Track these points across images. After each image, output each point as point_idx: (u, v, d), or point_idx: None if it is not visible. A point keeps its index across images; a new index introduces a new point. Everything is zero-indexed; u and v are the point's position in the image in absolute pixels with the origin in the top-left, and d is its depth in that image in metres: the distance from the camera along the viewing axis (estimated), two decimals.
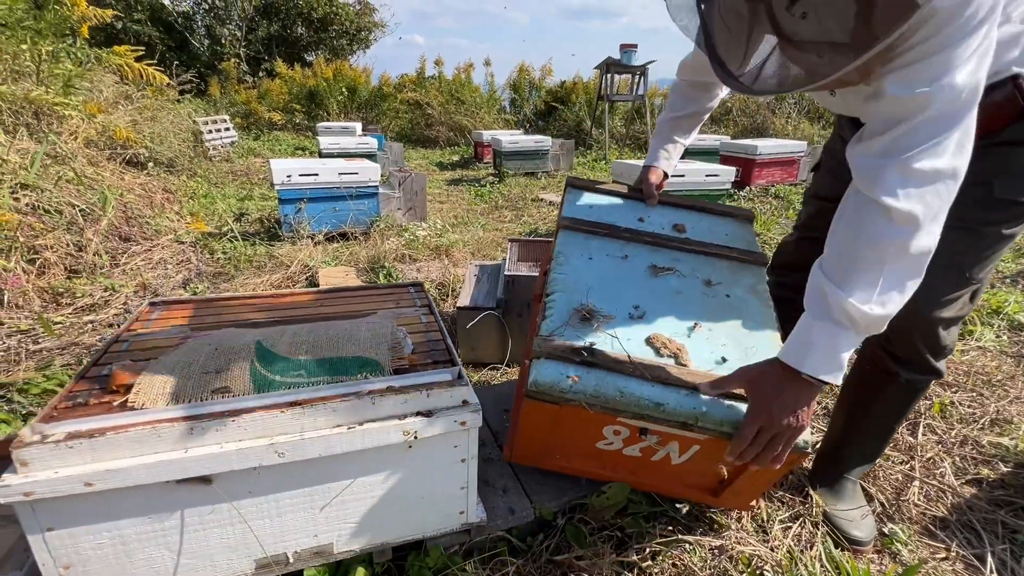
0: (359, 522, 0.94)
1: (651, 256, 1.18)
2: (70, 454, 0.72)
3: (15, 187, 2.87)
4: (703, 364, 0.95)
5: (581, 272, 1.11)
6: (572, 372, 0.89)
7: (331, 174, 3.40)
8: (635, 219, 1.28)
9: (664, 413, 0.87)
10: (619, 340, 0.95)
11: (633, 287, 1.09)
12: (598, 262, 1.14)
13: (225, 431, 0.79)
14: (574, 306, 1.01)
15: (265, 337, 0.97)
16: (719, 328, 1.03)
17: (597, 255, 1.16)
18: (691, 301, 1.08)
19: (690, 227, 1.28)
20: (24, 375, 1.66)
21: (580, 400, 0.87)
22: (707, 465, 1.00)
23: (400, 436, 0.87)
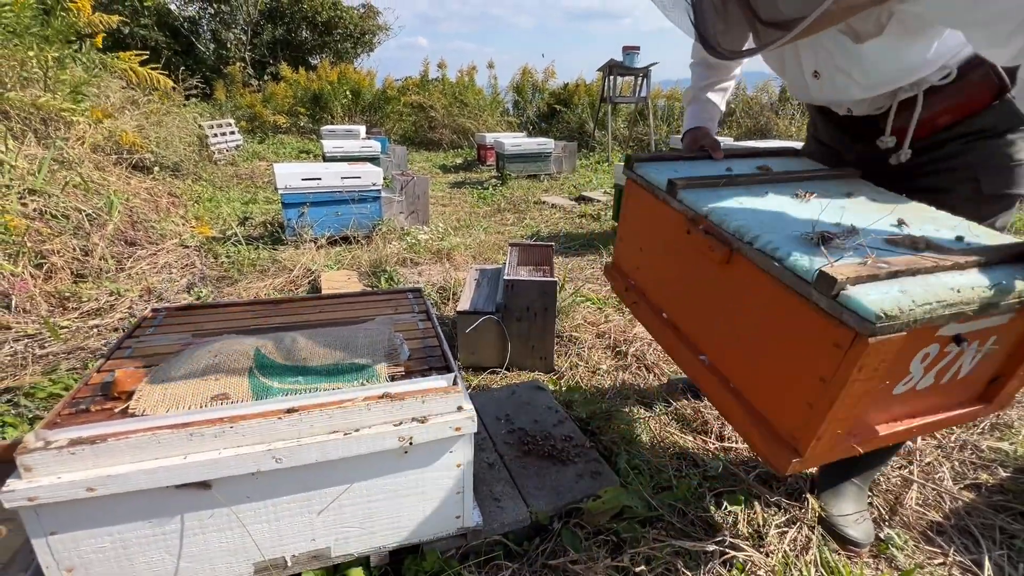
0: (356, 526, 0.95)
1: (783, 189, 1.07)
2: (72, 460, 0.74)
3: (23, 192, 2.92)
4: (952, 245, 0.84)
5: (750, 215, 0.95)
6: (896, 288, 0.72)
7: (334, 178, 3.42)
8: (723, 170, 1.17)
9: (1001, 295, 0.75)
10: (874, 250, 0.80)
11: (808, 212, 0.96)
12: (750, 205, 1.00)
13: (224, 437, 0.80)
14: (798, 238, 0.85)
15: (264, 344, 0.99)
16: (914, 219, 0.92)
17: (742, 200, 1.01)
18: (861, 208, 0.97)
19: (772, 166, 1.20)
20: (31, 379, 1.68)
21: (931, 313, 0.71)
22: (986, 364, 0.90)
23: (395, 442, 0.88)
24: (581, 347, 2.13)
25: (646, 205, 1.20)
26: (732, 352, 0.98)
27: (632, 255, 1.32)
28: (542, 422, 1.48)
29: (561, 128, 9.95)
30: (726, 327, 0.99)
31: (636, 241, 1.30)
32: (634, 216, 1.30)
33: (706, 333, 1.06)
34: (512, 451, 1.36)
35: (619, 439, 1.47)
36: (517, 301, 1.89)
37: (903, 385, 0.85)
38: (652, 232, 1.22)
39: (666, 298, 1.19)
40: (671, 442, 1.50)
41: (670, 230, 1.11)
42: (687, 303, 1.12)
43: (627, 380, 1.89)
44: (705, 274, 1.01)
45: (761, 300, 0.86)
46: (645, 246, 1.27)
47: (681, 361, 1.12)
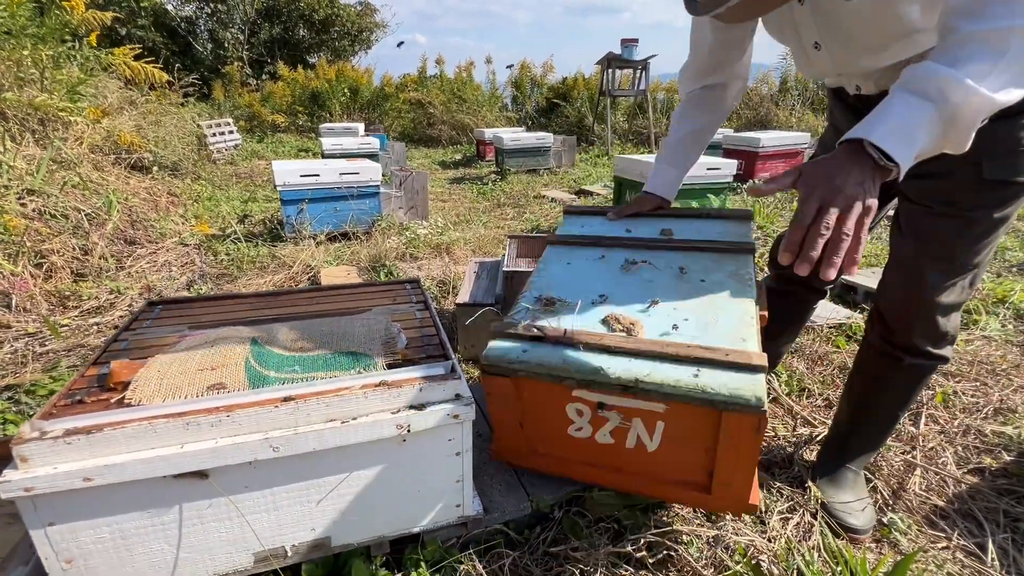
0: (356, 516, 0.95)
1: (626, 255, 1.23)
2: (68, 450, 0.74)
3: (22, 193, 2.91)
4: (654, 334, 0.97)
5: (556, 275, 1.17)
6: (522, 347, 0.95)
7: (332, 174, 3.41)
8: (623, 230, 1.34)
9: (605, 376, 0.89)
10: (575, 322, 1.00)
11: (603, 281, 1.14)
12: (576, 266, 1.20)
13: (220, 426, 0.80)
14: (536, 298, 1.08)
15: (260, 334, 0.99)
16: (683, 305, 1.04)
17: (576, 260, 1.22)
18: (660, 287, 1.11)
19: (678, 230, 1.31)
20: (31, 377, 1.68)
21: (527, 369, 0.93)
22: (684, 451, 0.97)
23: (393, 430, 0.88)
24: None
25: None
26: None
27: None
28: None
29: (560, 123, 9.92)
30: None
31: None
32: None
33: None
34: None
35: None
36: (517, 293, 1.88)
37: (575, 430, 1.03)
38: None
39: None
40: None
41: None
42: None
43: None
44: None
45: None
46: None
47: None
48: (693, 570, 1.01)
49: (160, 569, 0.86)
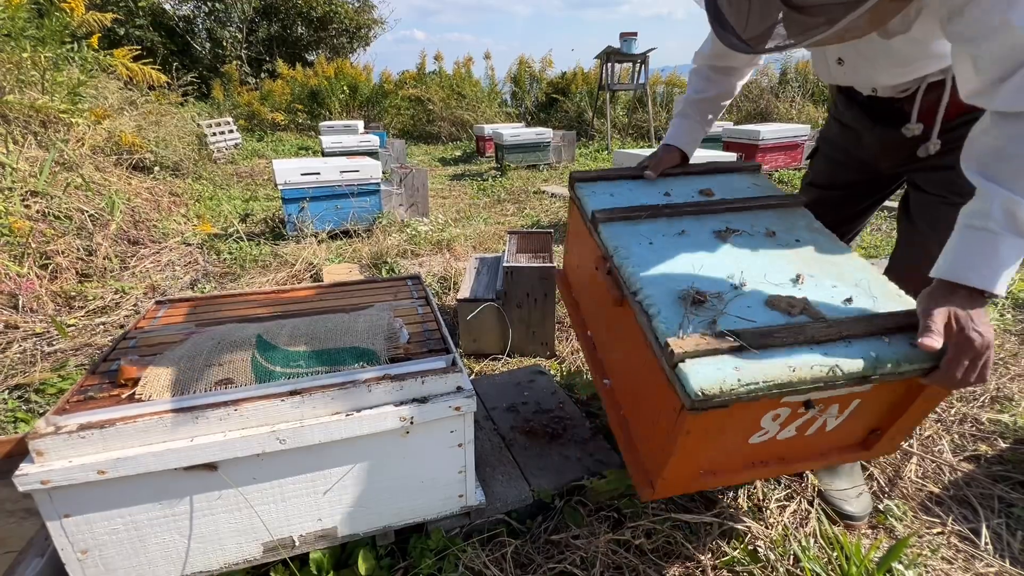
0: (361, 506, 0.97)
1: (705, 224, 1.08)
2: (82, 444, 0.76)
3: (26, 194, 2.94)
4: (833, 311, 0.85)
5: (650, 259, 0.98)
6: (731, 364, 0.75)
7: (333, 172, 3.43)
8: (661, 196, 1.19)
9: (842, 375, 0.76)
10: (743, 314, 0.84)
11: (711, 259, 0.98)
12: (659, 245, 1.03)
13: (228, 420, 0.82)
14: (677, 294, 0.88)
15: (265, 330, 1.01)
16: (818, 272, 0.94)
17: (654, 238, 1.05)
18: (772, 255, 0.99)
19: (715, 189, 1.20)
20: (40, 376, 1.71)
21: (756, 392, 0.74)
22: (859, 420, 0.92)
23: (397, 422, 0.90)
24: None
25: (581, 226, 1.23)
26: (623, 384, 1.08)
27: (573, 269, 1.38)
28: (544, 405, 1.50)
29: (560, 118, 9.90)
30: (622, 361, 1.08)
31: (575, 256, 1.36)
32: (574, 232, 1.35)
33: (610, 360, 1.16)
34: (514, 433, 1.37)
35: None
36: (517, 288, 1.90)
37: (759, 437, 0.90)
38: (583, 253, 1.27)
39: (590, 316, 1.29)
40: None
41: (591, 258, 1.17)
42: (600, 328, 1.22)
43: None
44: (609, 308, 1.06)
45: (639, 348, 0.91)
46: (580, 263, 1.32)
47: (594, 378, 1.22)
48: (691, 556, 1.03)
49: (172, 560, 0.89)
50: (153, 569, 0.88)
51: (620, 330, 1.02)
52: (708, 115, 1.27)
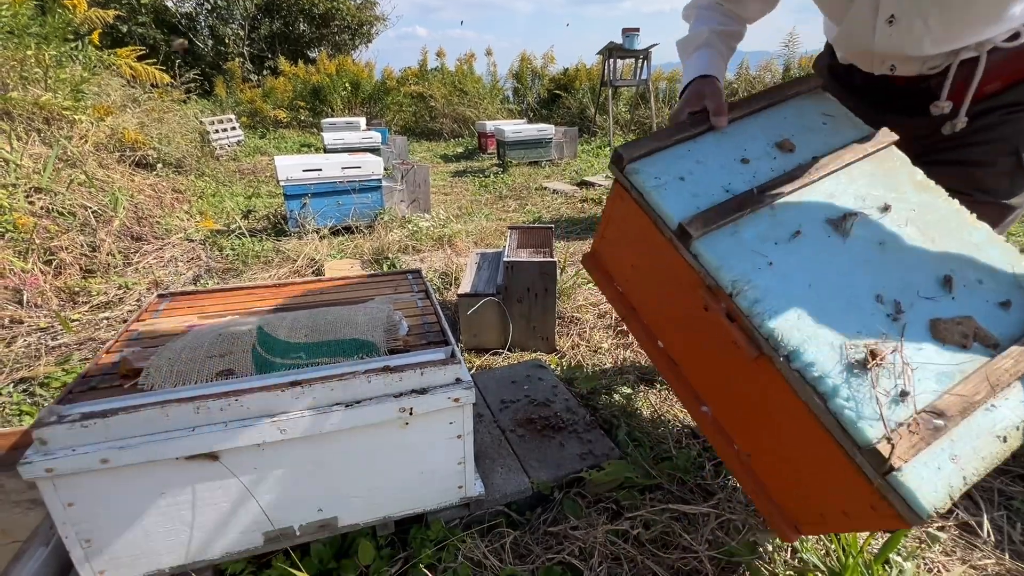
0: (362, 496, 0.98)
1: (812, 213, 0.87)
2: (85, 433, 0.77)
3: (30, 191, 2.96)
4: (997, 324, 0.74)
5: (781, 293, 0.77)
6: (946, 455, 0.64)
7: (334, 169, 3.44)
8: (737, 162, 0.93)
9: None
10: (921, 360, 0.71)
11: (839, 269, 0.80)
12: (780, 264, 0.80)
13: (229, 410, 0.83)
14: (840, 353, 0.71)
15: (266, 322, 1.01)
16: (959, 264, 0.81)
17: (770, 253, 0.81)
18: (902, 247, 0.83)
19: (793, 138, 0.96)
20: (45, 370, 1.73)
21: (976, 477, 0.66)
22: None
23: (396, 413, 0.91)
24: (583, 327, 2.15)
25: (641, 227, 0.93)
26: (743, 423, 0.89)
27: (621, 266, 1.10)
28: (543, 398, 1.51)
29: (562, 114, 9.88)
30: (740, 403, 0.88)
31: (626, 255, 1.06)
32: (624, 229, 1.02)
33: (714, 389, 0.94)
34: (514, 426, 1.38)
35: (619, 413, 1.49)
36: (517, 282, 1.91)
37: None
38: (650, 262, 0.98)
39: (666, 333, 1.02)
40: (672, 415, 1.52)
41: (678, 281, 0.89)
42: (694, 352, 0.96)
43: (628, 358, 1.90)
44: (724, 351, 0.84)
45: (791, 417, 0.75)
46: (639, 267, 1.04)
47: (679, 394, 1.01)
48: (689, 547, 1.04)
49: (175, 548, 0.90)
50: (156, 558, 0.89)
51: (747, 381, 0.83)
52: (729, 52, 1.11)
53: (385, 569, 1.00)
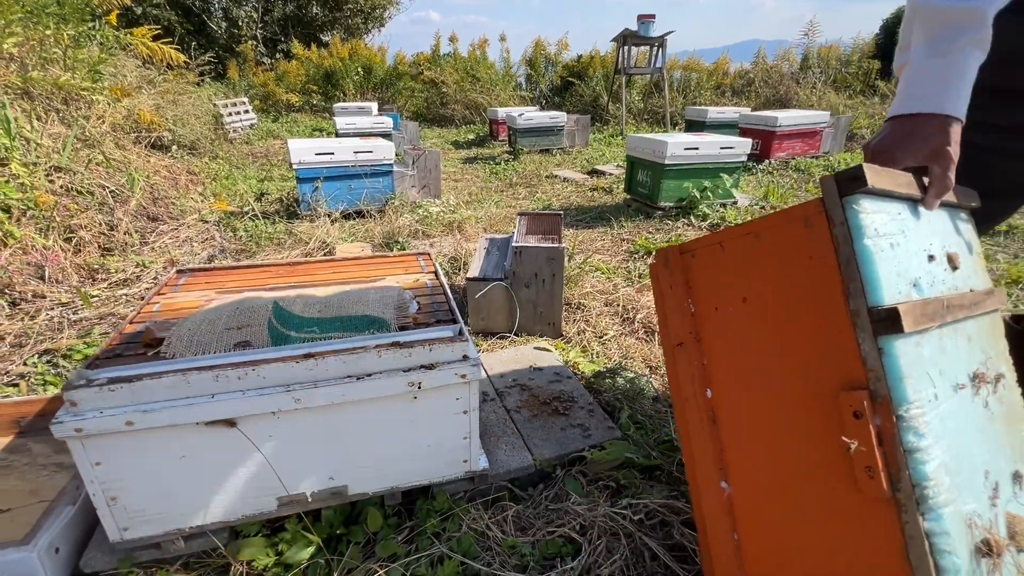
0: (371, 467, 1.02)
1: (963, 353, 0.74)
2: (112, 396, 0.81)
3: (49, 170, 3.02)
4: None
5: (940, 433, 0.64)
6: None
7: (346, 153, 3.46)
8: (925, 256, 0.74)
9: None
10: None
11: (970, 431, 0.70)
12: (942, 398, 0.67)
13: (246, 379, 0.87)
14: (966, 531, 0.62)
15: (282, 298, 1.05)
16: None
17: (939, 387, 0.67)
18: (999, 423, 0.75)
19: (959, 256, 0.80)
20: (67, 343, 1.79)
21: None
22: None
23: (405, 387, 0.94)
24: (589, 314, 2.17)
25: (809, 268, 0.70)
26: (770, 527, 0.78)
27: (722, 290, 0.84)
28: (548, 381, 1.54)
29: (575, 101, 9.81)
30: (789, 508, 0.75)
31: (744, 284, 0.80)
32: (773, 253, 0.76)
33: (756, 475, 0.80)
34: (519, 406, 1.42)
35: (622, 396, 1.51)
36: (525, 268, 1.93)
37: None
38: (785, 313, 0.74)
39: (730, 389, 0.83)
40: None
41: (814, 356, 0.71)
42: (761, 428, 0.79)
43: (633, 344, 1.93)
44: (821, 456, 0.70)
45: (868, 563, 0.66)
46: (756, 307, 0.79)
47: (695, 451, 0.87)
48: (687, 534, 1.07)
49: (194, 509, 0.94)
50: (176, 517, 0.94)
51: (835, 500, 0.69)
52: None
53: (392, 536, 1.04)
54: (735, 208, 3.75)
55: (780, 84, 8.33)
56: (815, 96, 8.00)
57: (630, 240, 3.24)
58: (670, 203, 3.68)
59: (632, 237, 3.30)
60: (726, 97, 8.92)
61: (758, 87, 8.64)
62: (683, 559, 1.01)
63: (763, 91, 8.51)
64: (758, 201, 3.92)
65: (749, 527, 0.81)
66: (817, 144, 5.56)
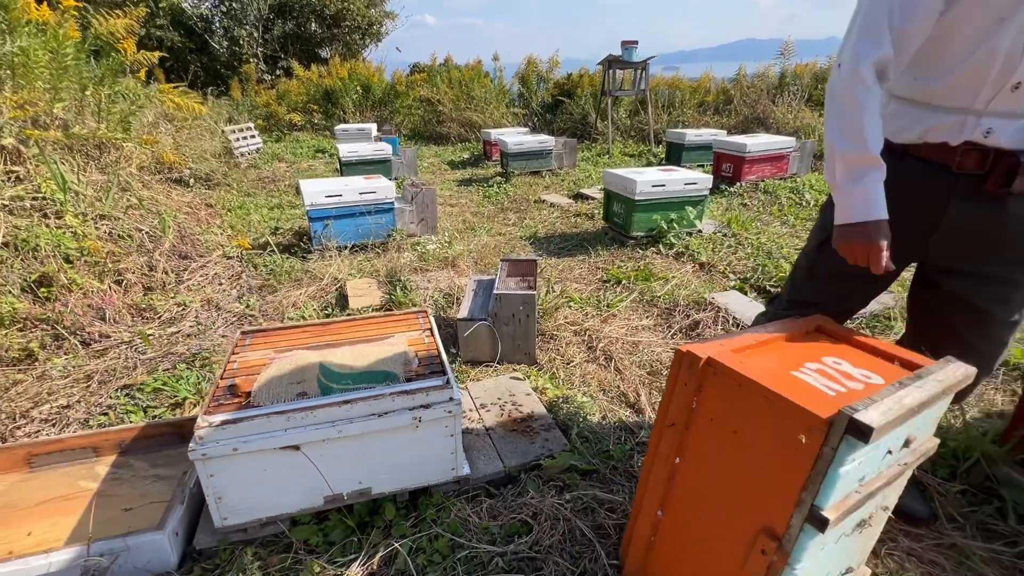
0: (387, 474, 1.48)
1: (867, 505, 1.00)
2: (223, 432, 1.27)
3: (96, 218, 3.48)
4: None
5: (812, 564, 0.97)
6: None
7: (353, 194, 3.92)
8: (883, 454, 0.97)
9: None
10: None
11: (835, 551, 1.05)
12: (828, 545, 0.99)
13: (306, 419, 1.32)
14: None
15: (324, 356, 1.51)
16: None
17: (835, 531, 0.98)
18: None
19: (917, 436, 1.03)
20: (140, 378, 2.24)
21: None
22: None
23: (410, 420, 1.40)
24: (560, 343, 2.63)
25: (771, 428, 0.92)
26: (674, 542, 1.16)
27: (729, 409, 1.00)
28: (519, 403, 2.00)
29: (565, 119, 10.27)
30: (692, 544, 1.11)
31: (734, 421, 0.99)
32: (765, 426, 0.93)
33: (679, 518, 1.14)
34: (495, 425, 1.87)
35: (575, 415, 1.97)
36: (505, 309, 2.39)
37: None
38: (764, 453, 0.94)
39: (691, 469, 1.09)
40: (616, 417, 2.01)
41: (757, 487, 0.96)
42: (702, 489, 1.08)
43: (592, 371, 2.38)
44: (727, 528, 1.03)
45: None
46: (744, 440, 0.98)
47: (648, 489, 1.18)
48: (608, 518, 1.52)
49: (270, 505, 1.40)
50: (258, 511, 1.39)
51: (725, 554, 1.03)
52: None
53: (402, 522, 1.50)
54: (700, 236, 4.20)
55: (758, 103, 8.79)
56: (791, 114, 8.46)
57: (604, 269, 3.70)
58: (641, 232, 4.13)
59: (607, 266, 3.76)
60: (708, 115, 9.38)
61: (737, 105, 9.10)
62: (603, 535, 1.46)
63: (742, 109, 8.97)
64: (721, 228, 4.37)
65: (663, 540, 1.20)
66: (784, 167, 6.03)
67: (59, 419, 2.00)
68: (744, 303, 3.01)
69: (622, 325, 2.81)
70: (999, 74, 1.00)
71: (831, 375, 1.04)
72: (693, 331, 2.78)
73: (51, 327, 2.58)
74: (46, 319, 2.61)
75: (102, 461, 1.74)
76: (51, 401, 2.06)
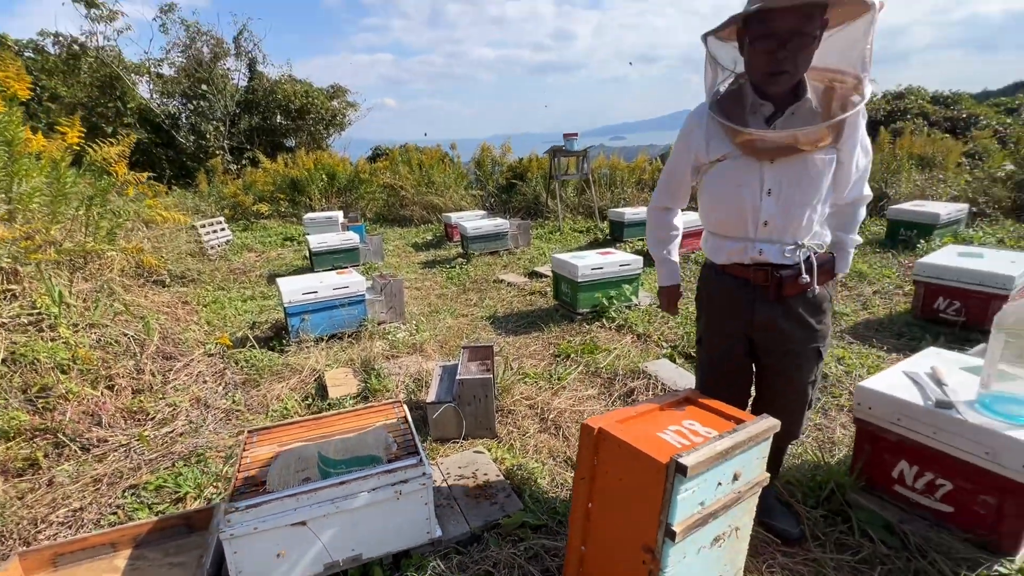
0: (375, 541, 1.84)
1: (716, 525, 1.51)
2: (246, 515, 1.63)
3: (86, 327, 3.76)
4: None
5: (682, 568, 1.44)
6: None
7: (327, 290, 4.36)
8: (715, 485, 1.45)
9: None
10: None
11: (705, 562, 1.55)
12: (690, 556, 1.45)
13: (310, 499, 1.70)
14: None
15: (322, 448, 1.90)
16: None
17: (694, 543, 1.47)
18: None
19: (743, 471, 1.52)
20: (144, 478, 2.51)
21: None
22: None
23: (393, 494, 1.79)
24: (517, 417, 3.06)
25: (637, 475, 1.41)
26: (594, 565, 1.55)
27: (612, 465, 1.47)
28: (481, 473, 2.39)
29: (519, 199, 11.19)
30: (607, 547, 1.51)
31: (618, 473, 1.45)
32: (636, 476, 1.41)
33: (596, 546, 1.53)
34: (461, 494, 2.26)
35: (528, 480, 2.38)
36: (467, 392, 2.83)
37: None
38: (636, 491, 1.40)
39: (599, 508, 1.51)
40: (563, 479, 2.42)
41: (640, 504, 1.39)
42: (603, 530, 1.51)
43: (544, 439, 2.81)
44: (628, 543, 1.42)
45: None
46: (624, 483, 1.44)
47: (573, 530, 1.59)
48: (553, 562, 1.91)
49: (277, 569, 1.73)
50: None
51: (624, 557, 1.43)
52: (676, 248, 1.93)
53: None
54: (637, 309, 4.81)
55: None
56: None
57: (555, 344, 4.20)
58: (586, 309, 4.71)
59: (558, 340, 4.27)
60: (646, 191, 10.48)
61: None
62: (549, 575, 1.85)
63: None
64: (656, 300, 5.01)
65: (588, 568, 1.58)
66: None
67: (74, 521, 2.24)
68: (672, 369, 3.55)
69: (570, 396, 3.28)
70: (752, 215, 1.54)
71: (684, 433, 1.54)
72: (630, 397, 3.28)
73: (52, 436, 2.82)
74: (46, 428, 2.86)
75: (120, 555, 2.02)
76: (66, 505, 2.30)
